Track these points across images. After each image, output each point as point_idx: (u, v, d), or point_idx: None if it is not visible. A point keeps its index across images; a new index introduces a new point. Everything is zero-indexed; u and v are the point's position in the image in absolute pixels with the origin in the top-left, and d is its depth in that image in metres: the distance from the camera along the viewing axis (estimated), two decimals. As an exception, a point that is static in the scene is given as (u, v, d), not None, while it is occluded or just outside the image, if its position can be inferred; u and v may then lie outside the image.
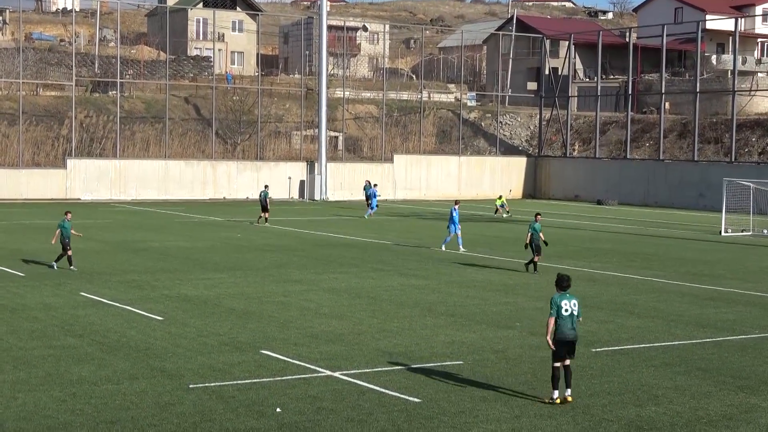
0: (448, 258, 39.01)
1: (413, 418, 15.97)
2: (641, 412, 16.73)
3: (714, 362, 20.81)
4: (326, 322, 24.53)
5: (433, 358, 20.51)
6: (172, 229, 49.75)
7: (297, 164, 78.76)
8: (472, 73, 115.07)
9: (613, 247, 44.80)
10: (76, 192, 70.32)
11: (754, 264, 39.76)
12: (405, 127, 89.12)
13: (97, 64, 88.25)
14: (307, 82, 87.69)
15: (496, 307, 27.38)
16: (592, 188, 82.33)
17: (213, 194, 74.99)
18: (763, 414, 16.78)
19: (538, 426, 15.73)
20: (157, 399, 16.86)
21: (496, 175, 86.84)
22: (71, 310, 25.46)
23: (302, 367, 19.40)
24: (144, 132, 78.03)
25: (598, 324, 25.03)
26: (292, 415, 16.01)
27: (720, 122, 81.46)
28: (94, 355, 20.25)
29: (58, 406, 16.26)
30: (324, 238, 46.71)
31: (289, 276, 32.94)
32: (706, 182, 73.19)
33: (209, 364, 19.58)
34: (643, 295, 30.22)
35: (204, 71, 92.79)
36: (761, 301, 29.69)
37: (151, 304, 26.47)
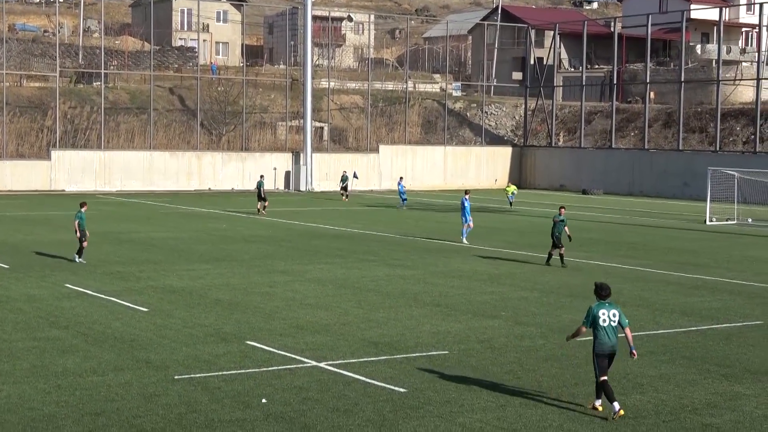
0: (433, 248, 39.03)
1: (399, 408, 15.98)
2: (626, 400, 16.76)
3: (698, 351, 20.88)
4: (312, 312, 24.53)
5: (418, 348, 20.53)
6: (157, 221, 49.65)
7: (282, 155, 78.69)
8: (457, 63, 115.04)
9: (599, 237, 44.87)
10: (61, 183, 70.11)
11: (738, 253, 39.88)
12: (390, 118, 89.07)
13: (81, 55, 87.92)
14: (292, 72, 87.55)
15: (482, 297, 27.42)
16: (578, 178, 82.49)
17: (198, 185, 74.87)
18: (747, 402, 16.84)
19: (524, 415, 15.76)
20: (142, 390, 16.83)
21: (482, 165, 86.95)
22: (56, 302, 25.40)
23: (288, 358, 19.39)
24: (128, 123, 77.80)
25: (583, 313, 25.00)
26: (277, 406, 16.00)
27: (705, 112, 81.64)
28: (78, 346, 20.21)
29: (43, 398, 16.22)
30: (310, 228, 46.66)
31: (274, 267, 32.91)
32: (690, 172, 73.34)
33: (194, 355, 19.56)
34: (628, 284, 30.28)
35: (189, 62, 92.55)
36: (745, 289, 29.78)
37: (136, 296, 26.42)
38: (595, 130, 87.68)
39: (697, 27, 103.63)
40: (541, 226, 49.63)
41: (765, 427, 15.38)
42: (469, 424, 15.17)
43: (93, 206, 57.06)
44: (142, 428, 14.69)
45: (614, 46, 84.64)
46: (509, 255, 37.20)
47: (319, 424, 15.05)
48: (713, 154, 72.95)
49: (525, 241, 42.27)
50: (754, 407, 16.52)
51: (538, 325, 23.44)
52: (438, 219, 53.53)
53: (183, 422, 15.03)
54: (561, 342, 21.47)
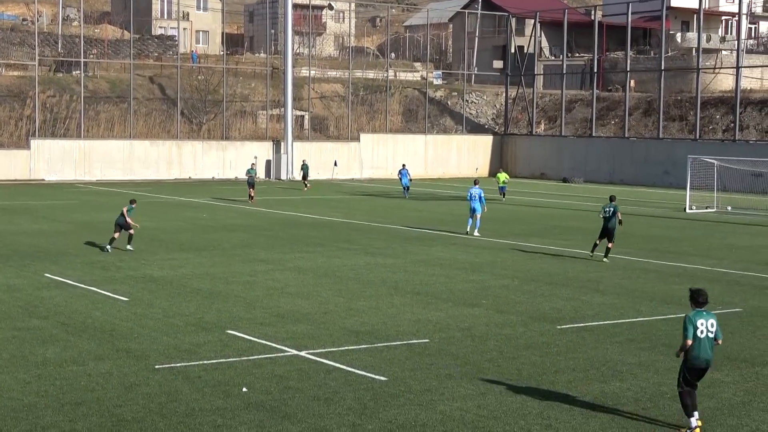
0: (413, 237, 39.08)
1: (379, 397, 16.02)
2: (605, 388, 16.85)
3: (678, 338, 20.88)
4: (292, 301, 24.53)
5: (399, 337, 20.56)
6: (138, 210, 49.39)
7: (263, 144, 78.56)
8: (438, 52, 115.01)
9: (579, 225, 44.95)
10: (41, 173, 69.85)
11: (718, 241, 40.05)
12: (371, 106, 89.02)
13: (60, 44, 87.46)
14: (273, 61, 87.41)
15: (462, 285, 27.46)
16: (558, 166, 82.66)
17: (178, 174, 74.69)
18: (726, 389, 16.93)
19: (504, 403, 15.81)
20: (122, 380, 16.81)
21: (463, 154, 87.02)
22: (36, 292, 25.32)
23: (268, 347, 19.40)
24: (108, 112, 77.52)
25: (563, 301, 25.18)
26: (258, 395, 16.02)
27: (685, 100, 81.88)
28: (59, 336, 20.16)
29: (23, 388, 16.19)
30: (290, 217, 46.63)
31: (255, 256, 32.89)
32: (671, 160, 73.59)
33: (175, 344, 19.54)
34: (609, 272, 30.39)
35: (169, 50, 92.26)
36: (725, 277, 29.93)
37: (116, 285, 26.36)
38: (576, 119, 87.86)
39: (677, 15, 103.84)
40: (522, 215, 49.78)
41: (743, 413, 15.48)
42: (450, 412, 15.21)
43: (73, 196, 57.03)
44: (123, 417, 14.68)
45: (595, 35, 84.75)
46: (490, 243, 37.26)
47: (300, 413, 15.07)
48: (693, 143, 73.21)
49: (506, 229, 42.34)
50: (732, 394, 16.62)
51: (519, 313, 23.50)
52: (419, 207, 53.55)
53: (164, 411, 15.03)
54: (541, 330, 21.56)
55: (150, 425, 14.35)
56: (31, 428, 14.11)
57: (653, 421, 15.02)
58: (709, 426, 14.76)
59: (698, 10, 79.92)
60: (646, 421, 14.98)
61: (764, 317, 23.46)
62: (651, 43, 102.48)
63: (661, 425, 14.81)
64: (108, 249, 33.14)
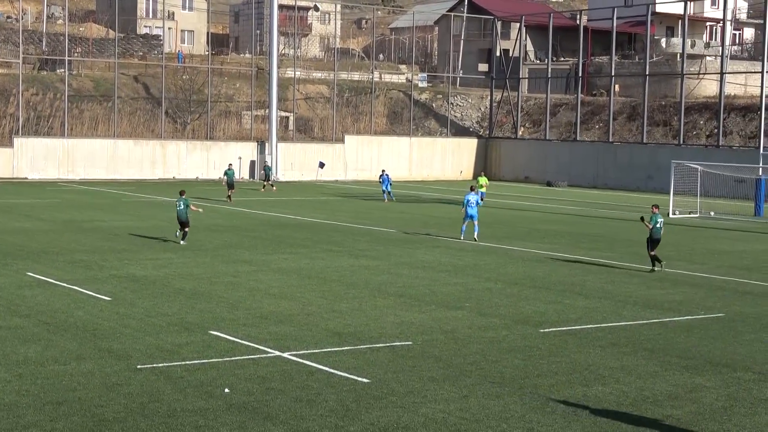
0: (397, 239, 39.09)
1: (362, 398, 16.01)
2: (588, 391, 16.88)
3: (660, 342, 21.02)
4: (275, 302, 24.50)
5: (382, 339, 20.55)
6: (121, 209, 49.40)
7: (247, 144, 78.53)
8: (423, 54, 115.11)
9: (563, 229, 45.07)
10: (23, 171, 69.66)
11: (700, 246, 40.18)
12: (356, 108, 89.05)
13: (44, 42, 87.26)
14: (258, 61, 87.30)
15: (445, 288, 27.47)
16: (542, 170, 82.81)
17: (162, 174, 74.57)
18: (708, 394, 16.98)
19: (487, 406, 15.82)
20: (104, 380, 16.76)
21: (447, 157, 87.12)
22: (17, 290, 25.23)
23: (251, 348, 19.37)
24: (92, 111, 77.38)
25: (546, 304, 25.21)
26: (240, 396, 15.99)
27: (669, 105, 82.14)
28: (40, 335, 20.09)
29: (4, 387, 16.12)
30: (274, 218, 46.59)
31: (238, 256, 32.84)
32: (654, 164, 73.86)
33: (157, 344, 19.50)
34: (591, 276, 30.45)
35: (154, 50, 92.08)
36: (707, 282, 30.02)
37: (98, 285, 26.29)
38: (560, 123, 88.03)
39: (662, 20, 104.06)
40: (505, 218, 49.86)
41: (725, 418, 15.52)
42: (432, 415, 15.21)
43: (56, 194, 56.85)
44: (104, 417, 14.63)
45: (580, 39, 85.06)
46: (473, 246, 37.30)
47: (282, 414, 15.05)
48: (677, 148, 73.46)
49: (489, 232, 42.36)
50: (714, 399, 16.66)
51: (502, 316, 23.53)
52: (402, 210, 53.57)
53: (145, 411, 14.99)
54: (524, 333, 21.58)
55: (132, 425, 14.31)
56: (11, 427, 14.06)
57: (635, 425, 15.04)
58: (690, 431, 14.79)
59: (683, 16, 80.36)
60: (628, 425, 15.00)
61: (746, 322, 23.54)
62: (636, 48, 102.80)
63: (643, 429, 14.83)
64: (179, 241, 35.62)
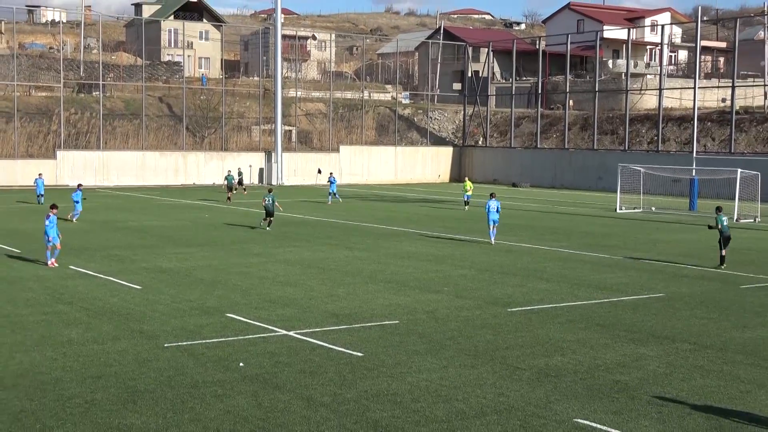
0: (386, 233, 39.05)
1: (357, 370, 16.00)
2: (549, 361, 16.89)
3: (610, 319, 21.05)
4: (282, 289, 24.46)
5: (373, 319, 20.54)
6: (149, 211, 49.28)
7: (256, 154, 78.43)
8: (406, 76, 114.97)
9: (526, 223, 45.09)
10: (65, 179, 69.42)
11: (643, 236, 40.23)
12: (349, 122, 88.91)
13: (82, 69, 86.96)
14: (265, 83, 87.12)
15: (427, 275, 27.46)
16: (508, 173, 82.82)
17: (184, 180, 74.41)
18: (651, 362, 17.00)
19: (463, 374, 15.82)
20: (136, 356, 16.73)
21: (427, 163, 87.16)
22: (61, 281, 25.16)
23: (262, 328, 19.34)
24: (123, 127, 77.14)
25: (513, 288, 25.23)
26: (253, 369, 15.97)
27: (615, 117, 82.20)
28: (81, 319, 20.04)
29: (51, 364, 16.09)
30: (280, 217, 46.46)
31: (250, 250, 32.78)
32: (604, 167, 73.92)
33: (181, 326, 19.46)
34: (551, 263, 30.47)
35: (175, 74, 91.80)
36: (649, 267, 30.07)
37: (131, 275, 26.22)
38: (523, 133, 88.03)
39: (609, 45, 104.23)
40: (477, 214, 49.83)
41: (666, 382, 15.55)
42: (416, 383, 15.21)
43: (93, 199, 56.68)
44: (137, 389, 14.60)
45: (539, 61, 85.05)
46: (450, 239, 37.31)
47: (289, 384, 15.03)
48: (623, 153, 73.54)
49: (463, 227, 42.42)
50: (656, 366, 16.69)
51: (475, 298, 23.53)
52: (390, 209, 53.54)
53: (172, 383, 14.96)
54: (494, 312, 21.59)
55: (160, 395, 14.28)
56: (57, 398, 14.02)
57: (590, 389, 15.07)
58: (636, 394, 14.82)
59: (627, 41, 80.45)
60: (584, 389, 15.03)
61: (683, 301, 23.58)
62: (587, 68, 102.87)
63: (596, 393, 14.85)
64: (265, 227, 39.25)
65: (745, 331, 19.91)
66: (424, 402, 14.14)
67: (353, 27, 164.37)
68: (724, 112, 76.64)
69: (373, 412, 13.57)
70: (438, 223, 44.21)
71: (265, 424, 12.98)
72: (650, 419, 13.46)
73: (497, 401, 14.27)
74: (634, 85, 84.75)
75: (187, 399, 14.12)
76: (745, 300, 23.91)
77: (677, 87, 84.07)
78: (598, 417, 13.50)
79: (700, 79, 68.93)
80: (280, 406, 13.80)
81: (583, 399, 14.45)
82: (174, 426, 12.83)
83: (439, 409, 13.81)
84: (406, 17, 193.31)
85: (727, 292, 25.08)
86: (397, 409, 13.73)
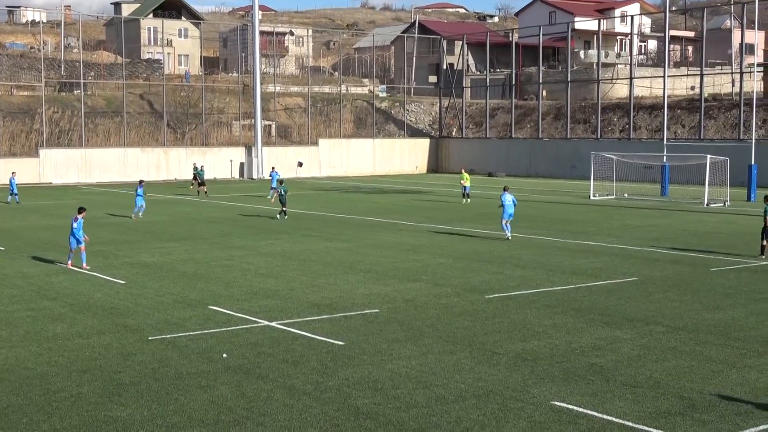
0: (365, 224, 39.04)
1: (338, 358, 16.01)
2: (526, 346, 16.95)
3: (585, 303, 21.14)
4: (264, 280, 24.43)
5: (354, 308, 20.55)
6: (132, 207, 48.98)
7: (237, 149, 78.16)
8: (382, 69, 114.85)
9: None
10: (48, 177, 69.03)
11: (617, 222, 40.40)
12: (327, 116, 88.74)
13: (63, 68, 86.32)
14: (244, 79, 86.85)
15: (406, 264, 27.48)
16: (484, 162, 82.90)
17: (166, 176, 74.10)
18: (625, 344, 17.09)
19: (442, 360, 15.85)
20: (121, 350, 16.67)
21: (405, 154, 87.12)
22: (46, 278, 25.03)
23: (244, 319, 19.31)
24: (105, 124, 76.69)
25: (490, 275, 25.28)
26: (236, 359, 15.95)
27: (588, 106, 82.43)
28: (66, 315, 19.95)
29: (36, 359, 16.01)
30: (261, 210, 46.40)
31: (232, 243, 32.70)
32: (577, 156, 74.13)
33: (165, 319, 19.40)
34: (527, 250, 30.55)
35: (156, 72, 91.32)
36: (623, 252, 30.21)
37: (114, 270, 26.12)
38: (498, 123, 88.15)
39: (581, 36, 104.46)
40: (455, 204, 49.91)
41: (639, 364, 15.64)
42: (397, 370, 15.23)
43: (77, 196, 56.36)
44: (122, 382, 14.56)
45: (512, 53, 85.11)
46: (428, 229, 37.33)
47: (272, 373, 15.02)
48: (595, 141, 73.76)
49: (441, 216, 42.45)
50: (630, 348, 16.78)
51: (453, 286, 23.57)
52: (367, 199, 53.53)
53: (156, 375, 14.93)
54: (472, 299, 21.64)
55: (145, 387, 14.24)
56: (43, 393, 13.96)
57: (566, 371, 15.14)
58: (611, 375, 14.89)
59: (598, 32, 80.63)
60: (560, 372, 15.09)
61: (655, 284, 23.71)
62: (559, 59, 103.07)
63: (572, 375, 14.92)
64: (279, 218, 40.43)
65: (716, 313, 20.05)
66: (405, 388, 14.16)
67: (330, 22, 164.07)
68: (693, 99, 76.99)
69: (355, 400, 13.59)
70: (415, 213, 44.21)
71: (248, 413, 12.97)
72: (625, 400, 13.54)
73: (476, 386, 14.30)
74: (605, 74, 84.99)
75: (172, 390, 14.09)
76: (715, 282, 24.07)
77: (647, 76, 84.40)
78: (574, 399, 13.56)
79: (669, 68, 69.16)
80: (263, 396, 13.79)
81: (559, 382, 14.51)
82: (159, 417, 12.80)
83: (419, 394, 13.83)
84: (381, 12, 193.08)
85: (698, 275, 25.23)
86: (378, 396, 13.75)
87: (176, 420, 12.68)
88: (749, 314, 19.88)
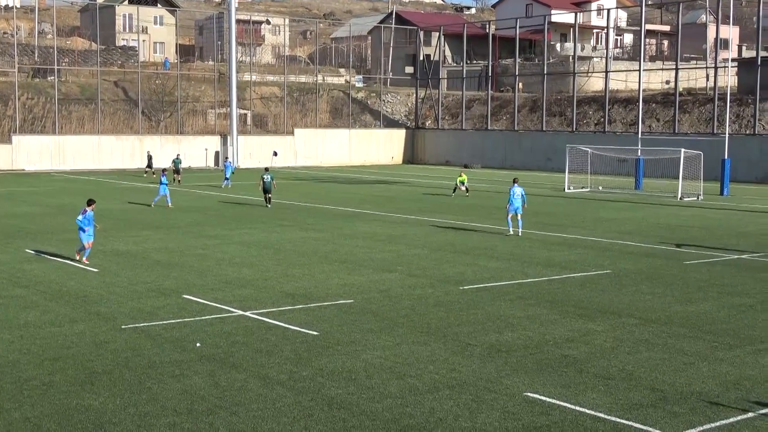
0: (340, 214, 39.00)
1: (312, 348, 15.99)
2: (500, 337, 17.00)
3: (559, 295, 21.22)
4: (238, 270, 24.36)
5: (328, 298, 20.53)
6: (105, 194, 48.69)
7: (212, 138, 77.84)
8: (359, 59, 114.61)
9: (477, 203, 45.25)
10: (21, 163, 68.48)
11: (591, 214, 40.56)
12: (303, 105, 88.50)
13: (37, 54, 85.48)
14: (220, 67, 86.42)
15: (381, 255, 27.48)
16: (460, 154, 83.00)
17: (140, 164, 73.53)
18: (598, 336, 17.18)
19: (416, 351, 15.87)
20: (94, 338, 16.57)
21: (381, 145, 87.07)
22: (18, 265, 24.84)
23: (218, 308, 19.25)
24: (79, 111, 76.11)
25: (464, 266, 25.32)
26: (210, 349, 15.89)
27: (563, 99, 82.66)
28: (38, 302, 19.81)
29: (8, 347, 15.88)
30: (236, 199, 46.26)
31: (206, 232, 32.58)
32: (552, 148, 74.37)
33: (138, 307, 19.31)
34: (501, 242, 30.61)
35: (130, 59, 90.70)
36: (597, 244, 30.34)
37: (88, 258, 25.92)
38: (474, 115, 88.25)
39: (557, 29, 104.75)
40: (428, 195, 49.97)
41: (612, 356, 15.72)
42: (371, 360, 15.24)
43: (49, 183, 55.95)
44: (95, 370, 14.47)
45: (489, 45, 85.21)
46: (403, 219, 37.33)
47: (246, 363, 14.99)
48: (571, 134, 74.02)
49: (415, 207, 42.47)
50: (603, 340, 16.87)
51: (428, 277, 23.60)
52: (343, 190, 53.46)
53: (129, 364, 14.85)
54: (446, 290, 21.67)
55: (118, 376, 14.17)
56: (15, 381, 13.85)
57: (539, 363, 15.19)
58: (584, 367, 14.96)
59: (574, 25, 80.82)
60: (534, 364, 15.15)
61: (629, 277, 23.84)
62: (535, 51, 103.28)
63: (545, 367, 14.97)
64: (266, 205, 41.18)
65: (689, 306, 20.19)
66: (378, 378, 14.16)
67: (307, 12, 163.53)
68: (668, 93, 77.38)
69: (329, 389, 13.58)
70: (390, 204, 44.21)
71: (221, 402, 12.94)
72: (598, 392, 13.61)
73: (449, 377, 14.33)
74: (581, 68, 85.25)
75: (145, 379, 14.02)
76: (688, 275, 24.23)
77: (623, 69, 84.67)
78: (547, 390, 13.62)
79: (645, 62, 69.48)
80: (236, 385, 13.75)
81: (532, 373, 14.56)
82: (131, 406, 12.74)
83: (392, 385, 13.84)
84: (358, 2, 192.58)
85: (672, 268, 25.39)
86: (351, 386, 13.75)
87: (149, 409, 12.62)
88: (721, 307, 20.04)
